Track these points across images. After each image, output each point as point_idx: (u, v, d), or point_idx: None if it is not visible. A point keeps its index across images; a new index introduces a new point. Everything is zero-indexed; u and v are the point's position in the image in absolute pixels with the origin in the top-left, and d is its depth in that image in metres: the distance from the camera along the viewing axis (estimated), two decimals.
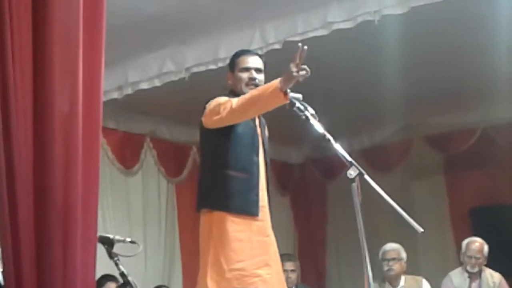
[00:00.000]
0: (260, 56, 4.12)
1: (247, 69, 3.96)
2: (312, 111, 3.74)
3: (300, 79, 3.45)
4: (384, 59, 6.07)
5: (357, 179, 3.42)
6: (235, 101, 3.63)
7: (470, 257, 6.11)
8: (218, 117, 3.65)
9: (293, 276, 6.51)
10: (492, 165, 8.41)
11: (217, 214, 3.72)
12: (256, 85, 3.87)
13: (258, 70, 3.97)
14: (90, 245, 2.43)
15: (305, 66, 3.45)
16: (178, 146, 8.05)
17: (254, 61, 4.00)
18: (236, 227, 3.73)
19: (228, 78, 4.00)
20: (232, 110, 3.61)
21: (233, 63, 4.02)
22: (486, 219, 8.34)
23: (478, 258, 6.10)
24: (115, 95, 6.41)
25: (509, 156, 8.26)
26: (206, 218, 3.76)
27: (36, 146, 2.33)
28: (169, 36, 5.86)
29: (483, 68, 6.55)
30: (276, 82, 3.49)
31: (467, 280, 6.14)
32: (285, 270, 6.40)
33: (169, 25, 5.64)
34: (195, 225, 3.87)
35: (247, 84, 3.91)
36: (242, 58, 4.01)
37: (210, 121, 3.72)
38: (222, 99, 3.75)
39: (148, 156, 7.93)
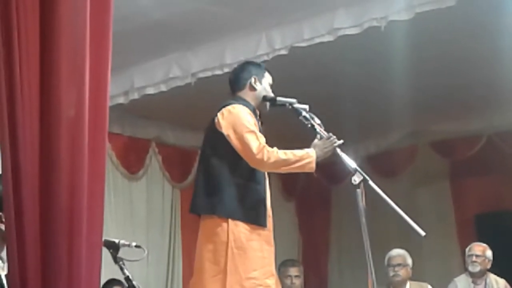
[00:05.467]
0: None
1: (271, 86, 4.07)
2: (318, 121, 3.80)
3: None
4: (390, 65, 6.07)
5: (361, 185, 3.44)
6: (274, 152, 3.71)
7: (471, 255, 6.16)
8: (259, 160, 3.69)
9: (298, 281, 6.50)
10: (497, 171, 8.41)
11: (233, 223, 3.72)
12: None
13: None
14: (96, 250, 2.43)
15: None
16: (183, 151, 8.05)
17: None
18: (249, 236, 3.75)
19: (254, 83, 3.99)
20: (275, 165, 3.72)
21: (262, 72, 4.07)
22: (491, 226, 8.34)
23: (479, 256, 6.14)
24: (121, 100, 6.42)
25: None
26: (220, 225, 3.73)
27: (42, 151, 2.34)
28: (175, 41, 5.88)
29: (489, 75, 6.55)
30: (314, 158, 3.73)
31: (472, 285, 6.16)
32: (289, 276, 6.41)
33: (176, 31, 5.65)
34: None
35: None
36: (268, 74, 4.10)
37: (249, 154, 3.71)
38: (253, 128, 3.77)
39: (153, 161, 7.93)
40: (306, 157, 3.70)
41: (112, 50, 2.62)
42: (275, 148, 3.74)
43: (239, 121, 3.74)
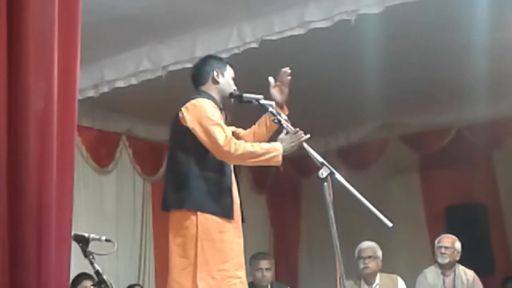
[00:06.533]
0: None
1: (233, 79, 4.07)
2: (285, 117, 3.83)
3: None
4: (360, 58, 6.10)
5: (328, 178, 3.46)
6: (241, 144, 3.72)
7: (440, 247, 6.22)
8: (226, 152, 3.70)
9: (268, 274, 6.50)
10: (466, 164, 8.50)
11: (202, 215, 3.73)
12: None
13: None
14: (65, 244, 2.41)
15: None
16: (154, 144, 8.03)
17: None
18: (218, 228, 3.77)
19: (216, 75, 3.99)
20: (242, 157, 3.73)
21: (225, 65, 4.07)
22: (460, 218, 8.43)
23: (448, 248, 6.20)
24: (91, 93, 6.38)
25: (483, 155, 8.36)
26: (188, 218, 3.74)
27: (10, 144, 2.31)
28: (146, 34, 5.85)
29: (459, 69, 6.61)
30: (281, 152, 3.72)
31: (441, 277, 6.22)
32: (260, 269, 6.41)
33: (146, 23, 5.62)
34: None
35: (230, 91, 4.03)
36: (231, 68, 4.10)
37: (215, 146, 3.71)
38: (218, 120, 3.77)
39: (124, 155, 7.91)
40: (273, 151, 3.71)
41: (82, 42, 2.60)
42: (242, 141, 3.75)
43: (204, 114, 3.75)
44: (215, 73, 3.98)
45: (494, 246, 8.61)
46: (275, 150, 3.71)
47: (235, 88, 4.03)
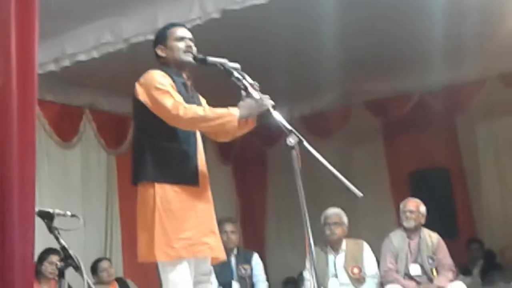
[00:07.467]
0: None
1: (182, 38, 3.97)
2: (251, 81, 3.77)
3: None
4: (322, 27, 6.10)
5: (296, 146, 3.46)
6: (191, 108, 3.66)
7: (405, 211, 6.31)
8: (175, 116, 3.64)
9: (234, 237, 6.49)
10: (429, 129, 8.60)
11: (159, 186, 3.71)
12: (193, 54, 3.90)
13: (191, 40, 3.99)
14: (28, 220, 2.40)
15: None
16: (118, 117, 7.98)
17: (187, 32, 4.03)
18: (179, 197, 3.74)
19: (160, 52, 3.96)
20: (192, 121, 3.64)
21: (164, 35, 3.99)
22: (424, 182, 8.55)
23: (413, 212, 6.29)
24: (52, 67, 6.30)
25: (445, 120, 8.46)
26: (147, 191, 3.74)
27: None
28: (107, 6, 5.78)
29: (417, 35, 6.66)
30: (236, 117, 3.63)
31: (407, 240, 6.31)
32: (225, 231, 6.40)
33: None
34: (135, 197, 3.85)
35: (185, 52, 3.92)
36: (174, 29, 4.01)
37: (164, 113, 3.67)
38: (167, 88, 3.72)
39: (88, 129, 7.85)
40: (227, 115, 3.65)
41: (42, 15, 2.56)
42: (193, 105, 3.73)
43: (152, 85, 3.75)
44: (159, 51, 3.96)
45: (457, 209, 8.77)
46: (230, 115, 3.65)
47: (189, 44, 3.94)
